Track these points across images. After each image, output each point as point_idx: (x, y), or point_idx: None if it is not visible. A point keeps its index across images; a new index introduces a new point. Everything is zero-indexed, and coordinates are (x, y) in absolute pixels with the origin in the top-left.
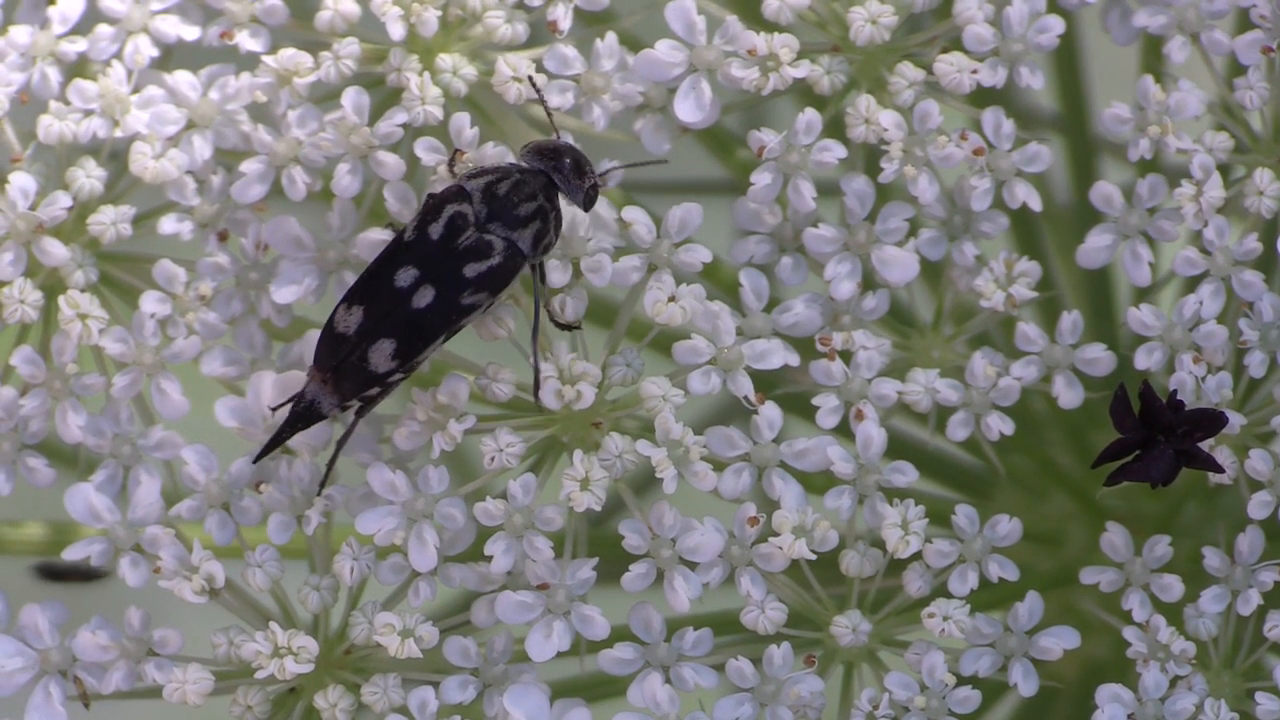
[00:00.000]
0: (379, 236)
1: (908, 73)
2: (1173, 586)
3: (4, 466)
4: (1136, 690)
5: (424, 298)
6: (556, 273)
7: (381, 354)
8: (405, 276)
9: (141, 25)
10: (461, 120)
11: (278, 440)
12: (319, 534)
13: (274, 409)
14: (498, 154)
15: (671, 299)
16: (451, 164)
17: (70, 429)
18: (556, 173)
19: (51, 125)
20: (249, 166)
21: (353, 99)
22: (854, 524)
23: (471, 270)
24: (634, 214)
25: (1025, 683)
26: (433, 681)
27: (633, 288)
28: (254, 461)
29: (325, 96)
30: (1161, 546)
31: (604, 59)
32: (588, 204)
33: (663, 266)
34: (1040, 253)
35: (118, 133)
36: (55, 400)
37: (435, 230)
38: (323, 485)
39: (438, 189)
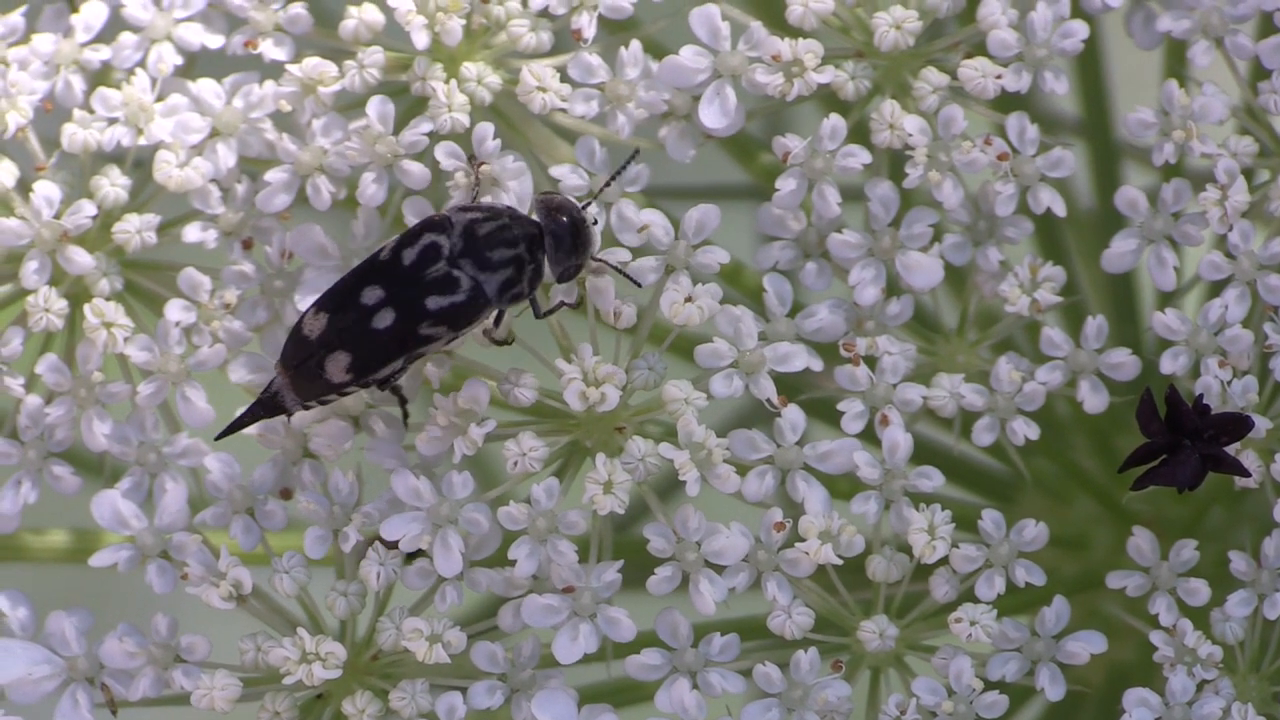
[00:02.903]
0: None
1: (932, 78)
2: (1199, 590)
3: (30, 474)
4: (1163, 694)
5: (384, 319)
6: (561, 297)
7: (337, 365)
8: (371, 295)
9: (165, 33)
10: (485, 130)
11: (241, 422)
12: None
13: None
14: (517, 168)
15: (688, 299)
16: (472, 170)
17: (95, 437)
18: (550, 234)
19: (75, 133)
20: (273, 175)
21: (377, 108)
22: (880, 529)
23: (434, 303)
24: (651, 216)
25: (1052, 687)
26: (460, 687)
27: (651, 290)
28: (216, 438)
29: (350, 105)
30: (1188, 551)
31: (628, 67)
32: (563, 278)
33: (680, 268)
34: (1064, 258)
35: (142, 141)
36: (80, 408)
37: (409, 255)
38: (405, 417)
39: (454, 198)
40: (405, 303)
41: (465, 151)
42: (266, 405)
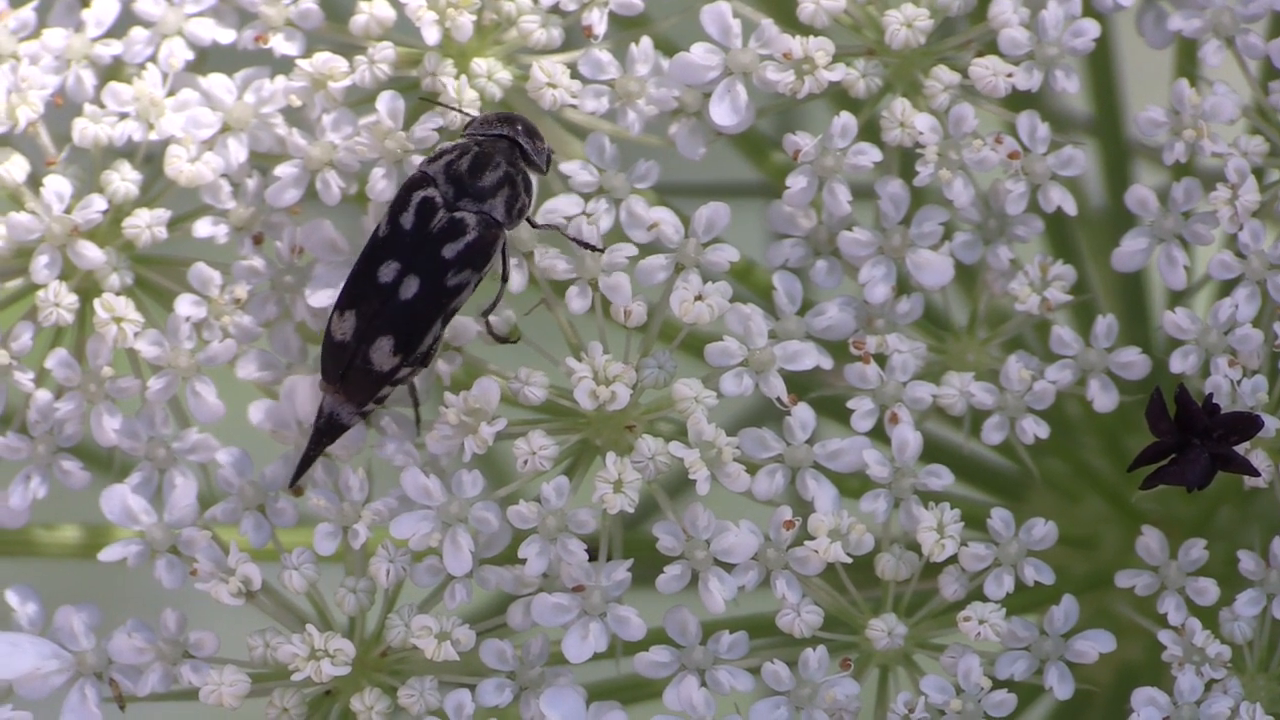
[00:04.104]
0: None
1: (943, 76)
2: (1208, 590)
3: (39, 469)
4: (1172, 694)
5: (410, 288)
6: (576, 300)
7: (381, 352)
8: (388, 271)
9: (176, 28)
10: None
11: (310, 458)
12: None
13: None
14: None
15: (698, 298)
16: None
17: (105, 432)
18: (519, 136)
19: (86, 128)
20: (283, 170)
21: (387, 103)
22: (889, 527)
23: (450, 251)
24: (661, 214)
25: (1061, 686)
26: (469, 684)
27: (661, 288)
28: (290, 485)
29: (360, 100)
30: (1196, 550)
31: (639, 63)
32: (546, 166)
33: (690, 266)
34: (1075, 256)
35: (153, 136)
36: (90, 403)
37: (407, 220)
38: (417, 420)
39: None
40: (423, 262)
41: None
42: (325, 431)
